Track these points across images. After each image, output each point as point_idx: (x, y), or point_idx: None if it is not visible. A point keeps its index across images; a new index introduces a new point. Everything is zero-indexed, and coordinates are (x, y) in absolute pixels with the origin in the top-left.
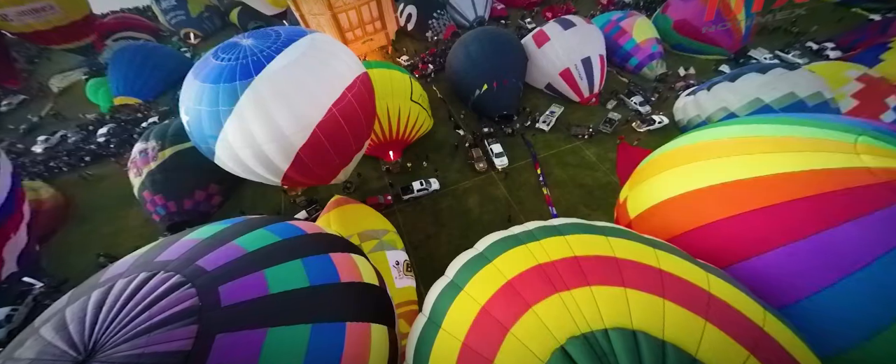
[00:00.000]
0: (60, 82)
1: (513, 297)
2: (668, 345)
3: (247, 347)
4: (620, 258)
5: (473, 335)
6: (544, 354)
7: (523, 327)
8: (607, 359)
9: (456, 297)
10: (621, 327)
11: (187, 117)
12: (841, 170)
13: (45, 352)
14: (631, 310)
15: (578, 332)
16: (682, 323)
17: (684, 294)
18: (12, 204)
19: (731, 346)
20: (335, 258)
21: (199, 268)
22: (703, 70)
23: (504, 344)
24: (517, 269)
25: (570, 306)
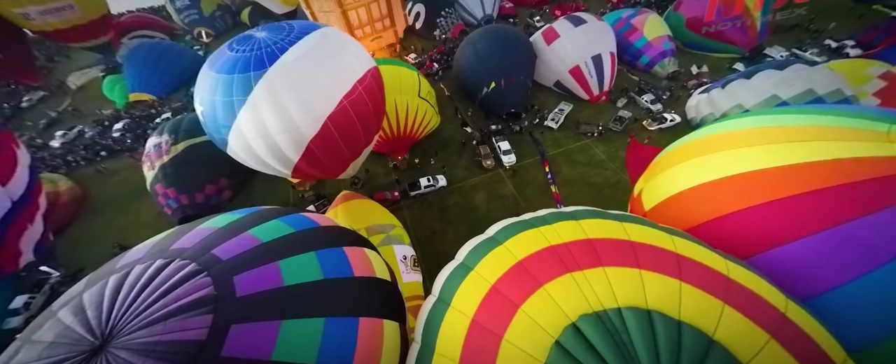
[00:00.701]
0: (78, 79)
1: (524, 276)
2: (685, 325)
3: (261, 339)
4: (635, 241)
5: (483, 312)
6: (555, 331)
7: (534, 305)
8: (620, 336)
9: (466, 277)
10: (635, 307)
11: (202, 108)
12: (872, 158)
13: (63, 335)
14: (646, 290)
15: (591, 310)
16: (700, 304)
17: (702, 277)
18: (30, 195)
19: (751, 328)
20: (348, 252)
21: (214, 257)
22: (716, 68)
23: (514, 320)
24: (529, 251)
25: (583, 286)
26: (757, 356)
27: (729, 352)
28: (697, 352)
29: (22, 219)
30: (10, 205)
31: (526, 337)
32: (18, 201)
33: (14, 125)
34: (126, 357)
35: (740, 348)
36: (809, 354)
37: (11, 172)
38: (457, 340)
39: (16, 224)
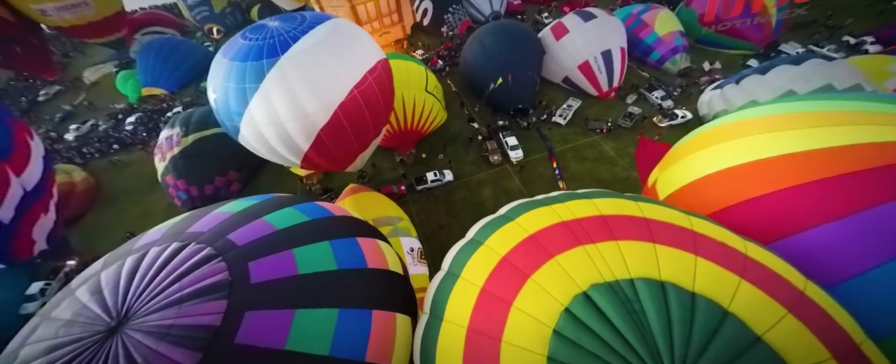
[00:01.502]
0: (93, 75)
1: (535, 248)
2: (699, 296)
3: (275, 327)
4: (650, 218)
5: (493, 281)
6: (566, 299)
7: (545, 274)
8: (632, 305)
9: (476, 251)
10: (648, 278)
11: (214, 95)
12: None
13: (80, 314)
14: (660, 263)
15: (602, 280)
16: (715, 278)
17: (718, 253)
18: (44, 185)
19: (768, 302)
20: (362, 243)
21: (229, 242)
22: (729, 65)
23: (524, 289)
24: (540, 225)
25: (595, 258)
26: (772, 329)
27: (744, 323)
28: (711, 322)
29: (36, 208)
30: (24, 194)
31: (535, 304)
32: (32, 191)
33: (31, 118)
34: (141, 339)
35: (755, 321)
36: (828, 331)
37: (25, 163)
38: (466, 308)
39: (30, 213)
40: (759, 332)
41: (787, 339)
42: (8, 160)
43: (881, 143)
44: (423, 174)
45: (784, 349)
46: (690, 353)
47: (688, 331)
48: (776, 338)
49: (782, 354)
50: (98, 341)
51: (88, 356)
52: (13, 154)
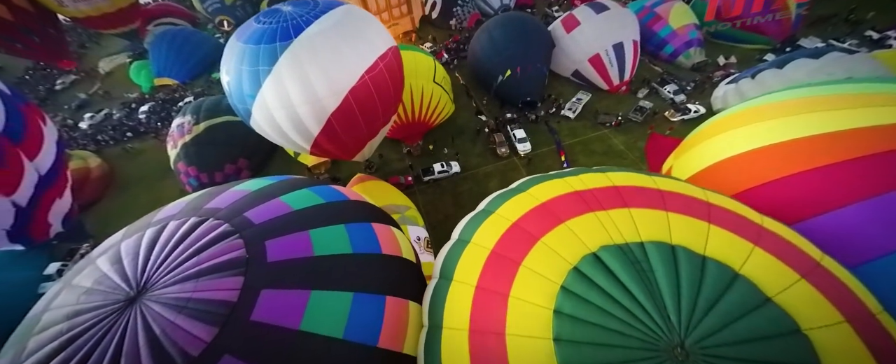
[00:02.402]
0: (107, 65)
1: (546, 214)
2: (710, 259)
3: (290, 307)
4: (664, 189)
5: (503, 243)
6: (574, 258)
7: (555, 237)
8: (641, 265)
9: (487, 219)
10: (659, 241)
11: (228, 77)
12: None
13: (100, 282)
14: (671, 229)
15: (612, 242)
16: (728, 244)
17: (733, 223)
18: (58, 169)
19: (781, 268)
20: (376, 228)
21: (247, 219)
22: (745, 59)
23: (533, 250)
24: (552, 195)
25: (606, 223)
26: (784, 292)
27: (754, 285)
28: (720, 282)
29: (51, 192)
30: (38, 179)
31: (544, 263)
32: (46, 175)
33: (49, 106)
34: (159, 311)
35: (767, 284)
36: (842, 297)
37: (39, 147)
38: (475, 268)
39: (46, 197)
40: (770, 294)
41: (799, 302)
42: (21, 144)
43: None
44: (430, 165)
45: (795, 311)
46: (697, 310)
47: (696, 289)
48: (787, 300)
49: (793, 315)
50: (118, 310)
51: (108, 324)
52: (26, 138)
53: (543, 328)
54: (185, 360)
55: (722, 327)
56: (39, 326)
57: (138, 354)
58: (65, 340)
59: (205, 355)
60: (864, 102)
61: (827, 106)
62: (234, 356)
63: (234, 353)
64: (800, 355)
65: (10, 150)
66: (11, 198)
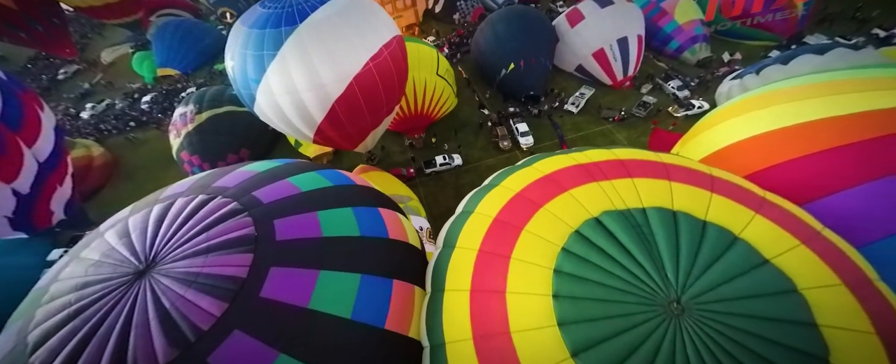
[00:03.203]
0: (109, 55)
1: (550, 183)
2: (710, 224)
3: (299, 286)
4: (668, 163)
5: (506, 212)
6: (576, 223)
7: (557, 204)
8: (641, 229)
9: (491, 191)
10: (661, 207)
11: (232, 62)
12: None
13: (108, 255)
14: (673, 196)
15: (614, 208)
16: (729, 211)
17: (735, 193)
18: (58, 157)
19: (781, 233)
20: (383, 213)
21: (255, 198)
22: (750, 56)
23: (536, 216)
24: (557, 167)
25: (609, 191)
26: (782, 255)
27: (753, 248)
28: (720, 244)
29: (52, 179)
30: (38, 166)
31: (546, 228)
32: (46, 162)
33: (51, 95)
34: (168, 284)
35: (766, 247)
36: (841, 263)
37: (37, 134)
38: (478, 234)
39: (47, 184)
40: (769, 256)
41: (797, 265)
42: (19, 131)
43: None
44: (432, 158)
45: (792, 272)
46: (695, 269)
47: (695, 250)
48: (785, 262)
49: (790, 276)
50: (126, 283)
51: (117, 296)
52: (24, 125)
53: (543, 286)
54: (196, 334)
55: (718, 285)
56: (47, 297)
57: (148, 326)
58: (73, 311)
59: (215, 329)
60: (869, 87)
61: (831, 91)
62: (243, 331)
63: (243, 329)
64: (794, 312)
65: (8, 138)
66: (12, 185)
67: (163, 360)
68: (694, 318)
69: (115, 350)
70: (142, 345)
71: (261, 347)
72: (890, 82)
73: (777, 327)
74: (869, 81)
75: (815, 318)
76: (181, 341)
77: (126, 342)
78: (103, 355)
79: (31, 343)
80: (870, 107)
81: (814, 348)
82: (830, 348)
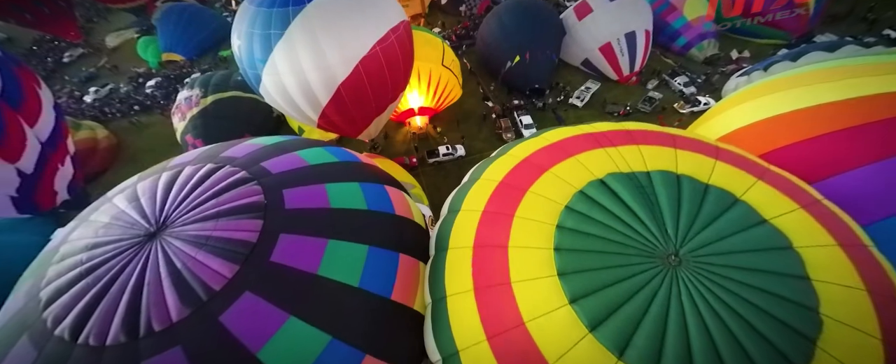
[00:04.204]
0: (114, 40)
1: (556, 150)
2: (712, 186)
3: (308, 253)
4: (675, 135)
5: (512, 176)
6: (580, 184)
7: (563, 168)
8: (644, 189)
9: (498, 159)
10: (665, 170)
11: (239, 42)
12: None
13: (118, 218)
14: (678, 162)
15: (618, 171)
16: (732, 176)
17: (739, 161)
18: (58, 136)
19: (781, 198)
20: (389, 191)
21: (264, 169)
22: (759, 54)
23: (542, 178)
24: (565, 136)
25: (614, 156)
26: (781, 217)
27: (752, 208)
28: (720, 204)
29: (54, 159)
30: (40, 146)
31: (551, 188)
32: (47, 141)
33: (56, 78)
34: (180, 246)
35: (765, 208)
36: (837, 227)
37: (38, 113)
38: (483, 197)
39: (50, 164)
40: (767, 217)
41: (795, 226)
42: (20, 110)
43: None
44: (435, 147)
45: (789, 232)
46: (695, 226)
47: (696, 209)
48: (783, 223)
49: (787, 234)
50: (137, 244)
51: (129, 256)
52: (24, 104)
53: (545, 240)
54: (208, 293)
55: (716, 240)
56: (58, 257)
57: (161, 285)
58: (85, 270)
59: (226, 290)
60: (871, 72)
61: (836, 76)
62: (254, 293)
63: (254, 291)
64: (788, 266)
65: (10, 116)
66: (16, 165)
67: (176, 318)
68: (690, 269)
69: (128, 306)
70: (155, 302)
71: (271, 309)
72: (892, 66)
73: (770, 278)
74: (872, 67)
75: (808, 273)
76: (194, 300)
77: (139, 299)
78: (116, 311)
79: (43, 299)
80: (872, 91)
81: (805, 298)
82: (821, 300)
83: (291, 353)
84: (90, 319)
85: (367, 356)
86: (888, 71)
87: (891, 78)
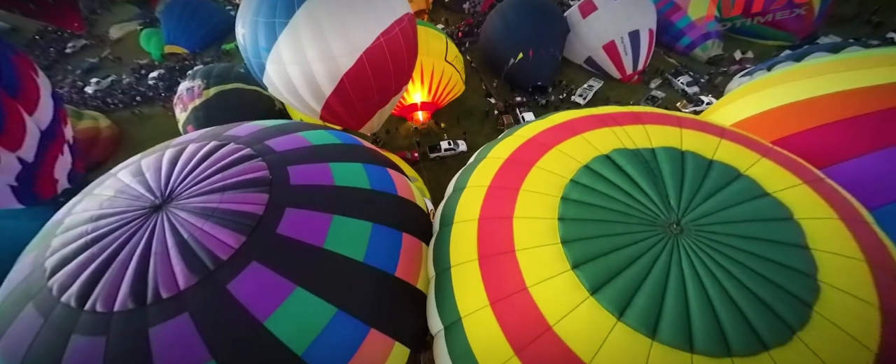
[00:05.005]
0: (117, 32)
1: (563, 129)
2: (716, 162)
3: (314, 226)
4: (681, 117)
5: (518, 153)
6: (586, 159)
7: (569, 144)
8: (649, 164)
9: (506, 138)
10: (670, 147)
11: (243, 30)
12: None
13: (123, 191)
14: (683, 139)
15: (624, 147)
16: (736, 153)
17: (744, 140)
18: (57, 124)
19: (784, 173)
20: (391, 173)
21: (268, 146)
22: (763, 55)
23: (548, 154)
24: (571, 118)
25: (620, 134)
26: (783, 191)
27: (756, 182)
28: (724, 178)
29: (54, 147)
30: (40, 134)
31: (557, 163)
32: (47, 129)
33: (58, 68)
34: (186, 217)
35: (769, 183)
36: (839, 201)
37: (36, 100)
38: (490, 173)
39: (50, 152)
40: (770, 190)
41: (797, 199)
42: (18, 98)
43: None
44: (436, 142)
45: (791, 204)
46: (698, 197)
47: (699, 182)
48: (786, 196)
49: (789, 206)
50: (143, 215)
51: (135, 227)
52: (22, 91)
53: (549, 210)
54: (215, 262)
55: (718, 210)
56: (62, 228)
57: (168, 254)
58: (90, 240)
59: (233, 259)
60: (877, 63)
61: (839, 68)
62: (261, 263)
63: (261, 261)
64: (788, 236)
65: (9, 105)
66: (17, 153)
67: (183, 285)
68: (692, 236)
69: (135, 274)
70: (162, 270)
71: (278, 279)
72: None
73: (770, 246)
74: (875, 59)
75: (808, 243)
76: (201, 268)
77: (146, 267)
78: (123, 278)
79: (48, 268)
80: (874, 81)
81: (803, 265)
82: (820, 267)
83: (298, 323)
84: (97, 286)
85: (372, 329)
86: (892, 62)
87: (893, 69)
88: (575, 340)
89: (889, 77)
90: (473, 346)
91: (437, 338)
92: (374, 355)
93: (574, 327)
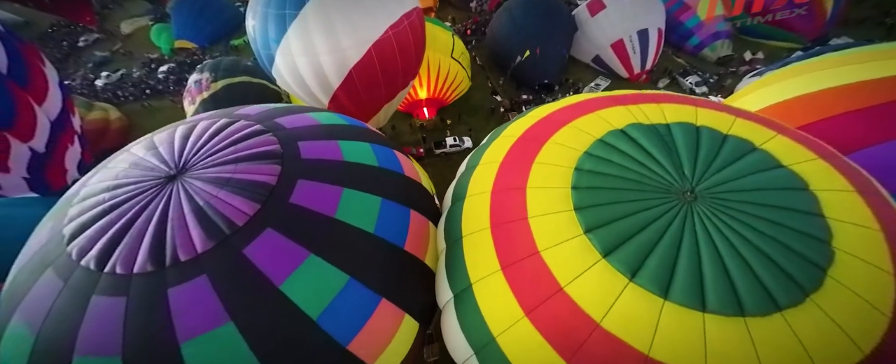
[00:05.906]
0: (128, 27)
1: (578, 108)
2: (731, 136)
3: (325, 197)
4: (698, 99)
5: (533, 129)
6: (601, 133)
7: (584, 121)
8: (664, 138)
9: (518, 119)
10: (685, 122)
11: (253, 21)
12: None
13: (138, 164)
14: (698, 116)
15: (639, 122)
16: (751, 129)
17: (758, 119)
18: (66, 115)
19: (800, 148)
20: (398, 155)
21: (278, 123)
22: (773, 57)
23: (562, 130)
24: (585, 98)
25: (635, 111)
26: (799, 164)
27: (771, 155)
28: (738, 151)
29: (64, 138)
30: (50, 124)
31: (571, 138)
32: (56, 120)
33: (71, 62)
34: (201, 186)
35: (784, 156)
36: (856, 175)
37: (45, 91)
38: (503, 149)
39: (60, 142)
40: (786, 163)
41: (813, 172)
42: (28, 88)
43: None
44: (442, 139)
45: (808, 177)
46: (712, 167)
47: (714, 153)
48: (801, 169)
49: (804, 178)
50: (159, 185)
51: (151, 195)
52: (31, 82)
53: (563, 180)
54: (231, 228)
55: (732, 179)
56: (79, 198)
57: (185, 220)
58: (107, 207)
59: (249, 225)
60: (884, 56)
61: (853, 61)
62: (275, 230)
63: (275, 228)
64: (803, 205)
65: (19, 96)
66: (29, 144)
67: (201, 249)
68: (706, 203)
69: (153, 238)
70: (180, 235)
71: (293, 246)
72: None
73: (784, 213)
74: (885, 52)
75: (823, 211)
76: (217, 233)
77: (164, 232)
78: (142, 242)
79: (67, 235)
80: (884, 74)
81: (818, 232)
82: (834, 234)
83: (313, 289)
84: (116, 250)
85: (383, 299)
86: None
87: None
88: (586, 300)
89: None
90: (484, 310)
91: (445, 310)
92: (386, 325)
93: (585, 288)
